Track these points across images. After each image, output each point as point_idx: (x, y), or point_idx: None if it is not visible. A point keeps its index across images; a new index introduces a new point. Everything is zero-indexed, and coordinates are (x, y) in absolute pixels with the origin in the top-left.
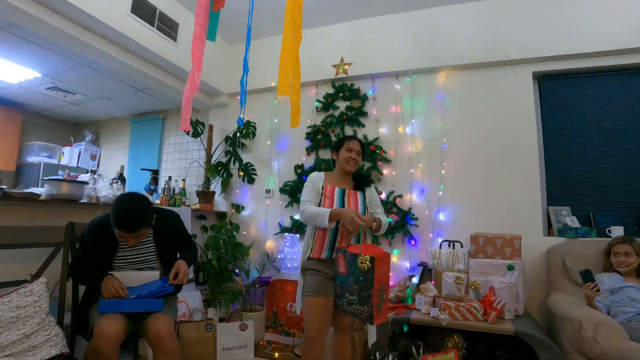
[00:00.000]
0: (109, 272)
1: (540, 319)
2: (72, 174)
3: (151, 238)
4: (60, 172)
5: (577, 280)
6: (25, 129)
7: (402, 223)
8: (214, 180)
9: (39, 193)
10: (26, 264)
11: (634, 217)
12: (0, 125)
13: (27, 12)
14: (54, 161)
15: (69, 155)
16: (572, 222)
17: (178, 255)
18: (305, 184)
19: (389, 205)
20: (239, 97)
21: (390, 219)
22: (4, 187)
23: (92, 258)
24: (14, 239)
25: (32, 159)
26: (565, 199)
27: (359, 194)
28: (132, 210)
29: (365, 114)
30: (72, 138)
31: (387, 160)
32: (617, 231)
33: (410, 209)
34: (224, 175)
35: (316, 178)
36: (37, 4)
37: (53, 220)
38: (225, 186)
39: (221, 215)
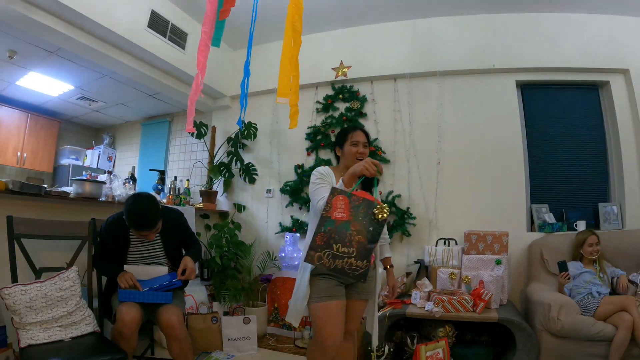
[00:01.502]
0: (124, 268)
1: (520, 306)
2: (93, 174)
3: (158, 235)
4: (84, 172)
5: (553, 270)
6: (60, 134)
7: (401, 222)
8: (216, 180)
9: (69, 192)
10: (62, 253)
11: (592, 212)
12: (42, 133)
13: (70, 37)
14: (80, 163)
15: (90, 157)
16: (550, 218)
17: (183, 252)
18: (312, 180)
19: (389, 204)
20: None
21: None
22: (45, 186)
23: (109, 252)
24: (53, 231)
25: (64, 161)
26: (544, 197)
27: None
28: (145, 210)
29: (364, 115)
30: (93, 142)
31: (386, 161)
32: (582, 225)
33: (408, 208)
34: (226, 175)
35: (325, 172)
36: (77, 28)
37: (80, 216)
38: (227, 186)
39: (223, 215)
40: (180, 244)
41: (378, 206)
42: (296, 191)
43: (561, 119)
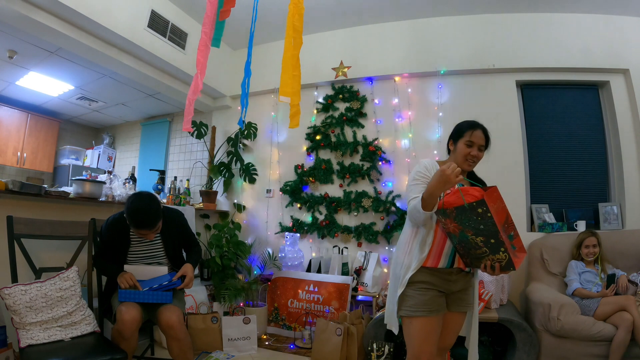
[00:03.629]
0: (124, 268)
1: (520, 306)
2: (93, 174)
3: (158, 235)
4: (84, 172)
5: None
6: (60, 134)
7: (402, 222)
8: (216, 180)
9: (69, 192)
10: (62, 253)
11: (592, 212)
12: (42, 133)
13: (70, 37)
14: (80, 163)
15: (90, 157)
16: (550, 218)
17: (183, 252)
18: (412, 174)
19: (388, 204)
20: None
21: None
22: (45, 186)
23: (109, 252)
24: (53, 232)
25: (64, 161)
26: (544, 197)
27: None
28: (146, 209)
29: (364, 115)
30: (93, 142)
31: (386, 161)
32: (582, 225)
33: None
34: (226, 175)
35: (429, 166)
36: (77, 28)
37: (80, 216)
38: (227, 186)
39: (223, 214)
40: (181, 244)
41: (468, 206)
42: (296, 191)
43: (561, 119)
